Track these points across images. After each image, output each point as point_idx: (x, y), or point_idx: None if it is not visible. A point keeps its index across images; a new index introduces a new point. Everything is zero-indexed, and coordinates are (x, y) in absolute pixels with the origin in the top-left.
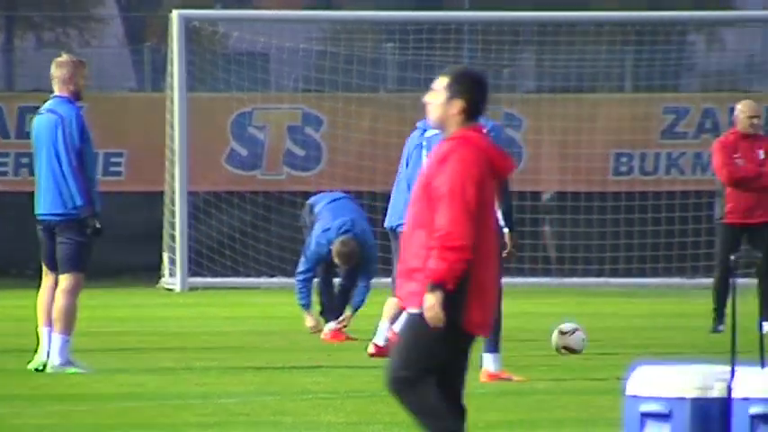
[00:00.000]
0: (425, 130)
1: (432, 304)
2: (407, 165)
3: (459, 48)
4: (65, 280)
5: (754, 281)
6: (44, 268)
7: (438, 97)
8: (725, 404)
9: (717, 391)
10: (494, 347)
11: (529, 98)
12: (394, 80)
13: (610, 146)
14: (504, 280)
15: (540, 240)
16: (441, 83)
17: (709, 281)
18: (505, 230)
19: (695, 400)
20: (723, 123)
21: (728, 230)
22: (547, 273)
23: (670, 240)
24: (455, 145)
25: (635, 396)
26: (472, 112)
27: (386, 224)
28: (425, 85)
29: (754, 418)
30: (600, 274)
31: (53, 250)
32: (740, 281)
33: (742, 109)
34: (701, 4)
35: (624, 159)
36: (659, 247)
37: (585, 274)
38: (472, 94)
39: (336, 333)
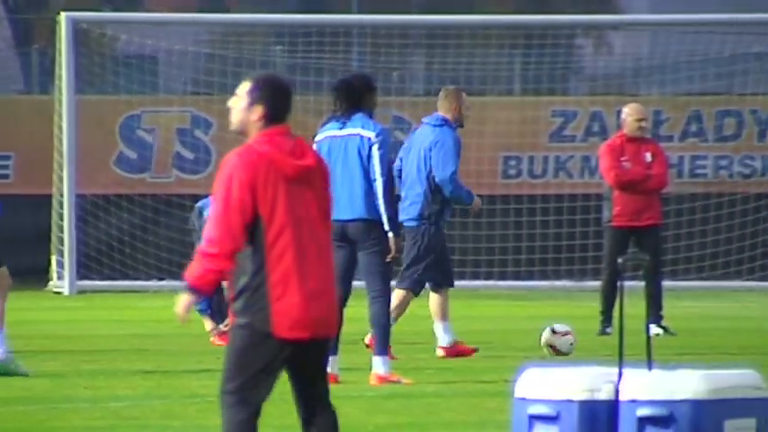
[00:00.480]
0: (437, 125)
1: (180, 305)
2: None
3: (348, 51)
4: None
5: (642, 283)
6: None
7: (239, 102)
8: (612, 406)
9: (604, 394)
10: (383, 350)
11: (418, 101)
12: None
13: (499, 149)
14: (393, 283)
15: None
16: (243, 88)
17: (597, 283)
18: (390, 235)
19: (583, 403)
20: (611, 126)
21: (616, 233)
22: None
23: (558, 243)
24: (234, 153)
25: (523, 398)
26: (272, 117)
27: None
28: (315, 89)
29: (641, 420)
30: (489, 276)
31: None
32: (628, 283)
33: (629, 112)
34: (589, 7)
35: (513, 162)
36: (548, 249)
37: (474, 276)
38: (273, 100)
39: (225, 336)
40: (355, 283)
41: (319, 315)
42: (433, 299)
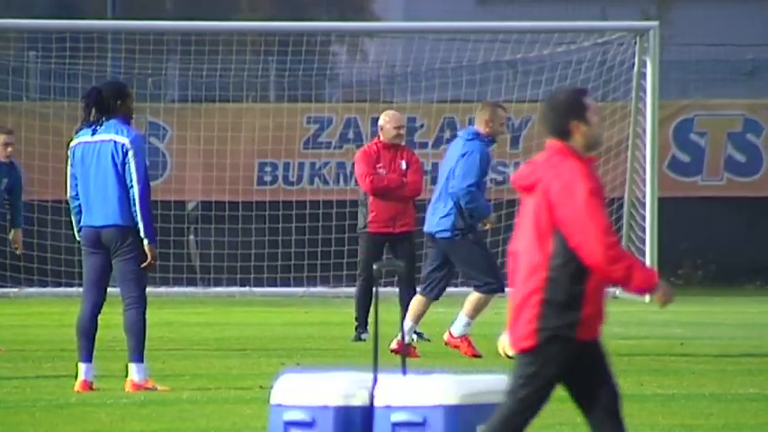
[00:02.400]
0: (468, 139)
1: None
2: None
3: (103, 56)
4: None
5: (396, 290)
6: None
7: None
8: (367, 412)
9: (359, 399)
10: (138, 357)
11: (173, 107)
12: (36, 89)
13: (254, 156)
14: (149, 290)
15: (184, 250)
16: None
17: (352, 290)
18: (145, 242)
19: (338, 409)
20: (365, 133)
21: (371, 240)
22: (192, 282)
23: (314, 249)
24: None
25: (279, 405)
26: None
27: (425, 230)
28: (69, 94)
29: (395, 425)
30: (244, 283)
31: None
32: (382, 290)
33: (388, 119)
34: (344, 14)
35: (268, 169)
36: (303, 256)
37: (230, 283)
38: None
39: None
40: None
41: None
42: (421, 301)
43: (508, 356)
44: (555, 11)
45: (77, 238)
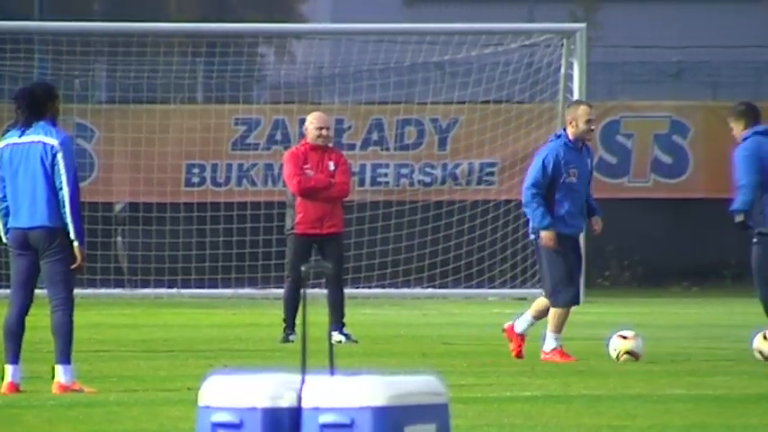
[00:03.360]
0: (549, 140)
1: None
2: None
3: (30, 58)
4: None
5: (324, 291)
6: None
7: None
8: (295, 413)
9: (287, 401)
10: (66, 359)
11: (101, 109)
12: None
13: (182, 157)
14: (77, 291)
15: (112, 251)
16: None
17: (280, 291)
18: (75, 244)
19: (266, 410)
20: (293, 134)
21: (299, 241)
22: (119, 284)
23: (242, 251)
24: None
25: (207, 406)
26: None
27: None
28: None
29: (323, 426)
30: (172, 285)
31: None
32: (310, 291)
33: (311, 120)
34: (271, 16)
35: (196, 170)
36: (231, 257)
37: (158, 285)
38: None
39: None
40: (37, 291)
41: None
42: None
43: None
44: (482, 13)
45: (4, 241)
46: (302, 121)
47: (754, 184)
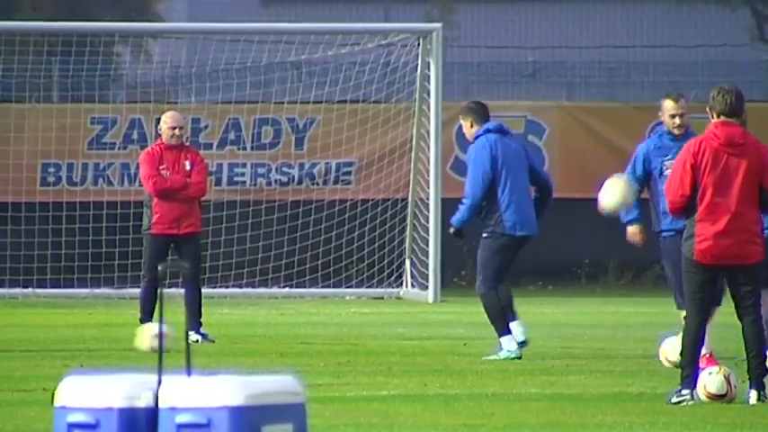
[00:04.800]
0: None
1: None
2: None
3: None
4: None
5: (181, 290)
6: None
7: None
8: (152, 413)
9: (144, 401)
10: None
11: None
12: None
13: (38, 156)
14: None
15: None
16: None
17: (137, 291)
18: None
19: (122, 410)
20: (150, 134)
21: (156, 241)
22: None
23: (98, 250)
24: None
25: (63, 407)
26: None
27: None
28: None
29: (180, 426)
30: (27, 284)
31: None
32: (167, 291)
33: (165, 120)
34: (127, 15)
35: (52, 170)
36: (87, 257)
37: (13, 284)
38: None
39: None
40: None
41: None
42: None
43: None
44: (339, 12)
45: None
46: (158, 121)
47: (478, 204)
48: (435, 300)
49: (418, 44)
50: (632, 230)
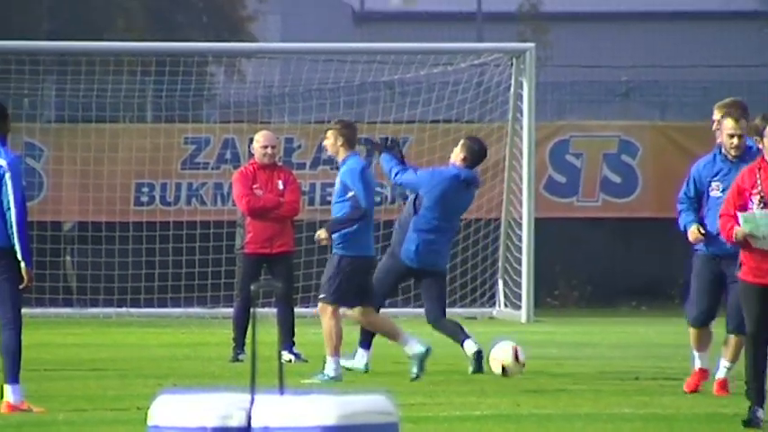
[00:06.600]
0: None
1: None
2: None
3: None
4: None
5: (274, 310)
6: None
7: None
8: None
9: (236, 420)
10: (14, 378)
11: (50, 128)
12: None
13: (131, 176)
14: (25, 310)
15: (61, 270)
16: None
17: (230, 310)
18: (22, 264)
19: (215, 430)
20: (243, 154)
21: (249, 260)
22: (68, 303)
23: (191, 270)
24: None
25: (156, 426)
26: None
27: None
28: None
29: None
30: (121, 304)
31: None
32: (260, 310)
33: (258, 139)
34: (220, 35)
35: (145, 189)
36: (180, 276)
37: (107, 304)
38: None
39: None
40: None
41: None
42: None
43: None
44: (432, 32)
45: None
46: (251, 141)
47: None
48: (528, 320)
49: (511, 64)
50: (692, 230)
